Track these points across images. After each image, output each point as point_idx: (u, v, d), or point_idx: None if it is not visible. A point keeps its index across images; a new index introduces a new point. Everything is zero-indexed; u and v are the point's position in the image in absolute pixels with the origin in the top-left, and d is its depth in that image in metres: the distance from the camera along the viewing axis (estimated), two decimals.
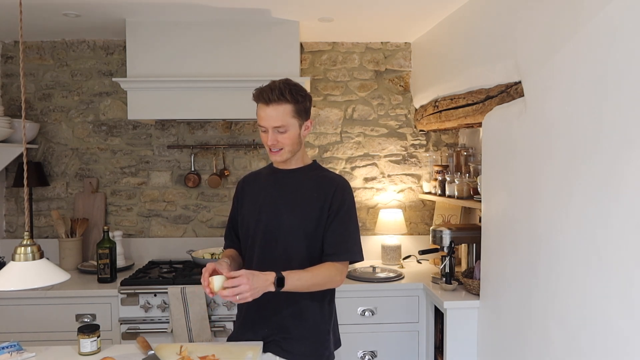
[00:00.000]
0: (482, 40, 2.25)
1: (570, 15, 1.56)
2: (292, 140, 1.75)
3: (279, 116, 1.70)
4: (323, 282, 1.71)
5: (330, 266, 1.73)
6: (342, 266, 1.77)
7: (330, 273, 1.72)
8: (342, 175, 1.90)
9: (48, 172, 3.18)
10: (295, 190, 1.81)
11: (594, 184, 1.45)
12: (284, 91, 1.69)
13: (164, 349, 1.67)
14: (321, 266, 1.72)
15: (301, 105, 1.74)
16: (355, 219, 1.83)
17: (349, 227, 1.79)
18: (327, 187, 1.79)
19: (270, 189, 1.84)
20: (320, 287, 1.72)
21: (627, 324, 1.33)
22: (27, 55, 3.17)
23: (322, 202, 1.77)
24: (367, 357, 2.69)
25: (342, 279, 1.77)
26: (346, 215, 1.78)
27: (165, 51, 2.75)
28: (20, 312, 2.56)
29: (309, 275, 1.67)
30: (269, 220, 1.79)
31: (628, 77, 1.31)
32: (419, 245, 3.23)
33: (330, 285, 1.75)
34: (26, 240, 1.40)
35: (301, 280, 1.65)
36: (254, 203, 1.85)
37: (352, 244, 1.78)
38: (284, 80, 1.74)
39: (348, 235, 1.78)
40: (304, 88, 1.78)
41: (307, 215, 1.77)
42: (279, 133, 1.72)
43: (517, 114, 1.91)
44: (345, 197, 1.80)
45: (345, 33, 3.08)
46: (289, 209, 1.78)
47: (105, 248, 2.67)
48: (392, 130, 3.31)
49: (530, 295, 1.83)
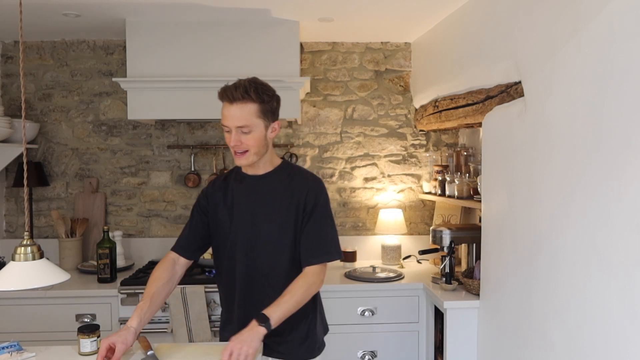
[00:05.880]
0: (482, 40, 2.25)
1: (570, 15, 1.56)
2: (256, 142, 1.67)
3: (242, 116, 1.63)
4: (305, 295, 1.68)
5: (305, 276, 1.70)
6: (319, 269, 1.73)
7: (308, 282, 1.69)
8: (313, 174, 1.86)
9: (48, 172, 3.18)
10: (270, 197, 1.75)
11: (594, 183, 1.45)
12: (249, 90, 1.63)
13: (164, 349, 1.67)
14: (297, 281, 1.69)
15: (267, 106, 1.67)
16: (330, 218, 1.79)
17: (323, 228, 1.75)
18: (299, 189, 1.75)
19: (243, 197, 1.78)
20: (304, 300, 1.68)
21: (627, 324, 1.33)
22: (27, 55, 3.17)
23: (296, 206, 1.73)
24: (367, 357, 2.69)
25: (321, 281, 1.74)
26: (320, 215, 1.75)
27: (165, 51, 2.75)
28: (20, 312, 2.56)
29: (288, 297, 1.63)
30: (246, 232, 1.75)
31: (628, 77, 1.31)
32: (419, 245, 3.23)
33: (312, 292, 1.72)
34: (26, 240, 1.40)
35: (284, 307, 1.61)
36: (228, 213, 1.78)
37: (328, 245, 1.75)
38: (251, 78, 1.68)
39: (324, 236, 1.75)
40: (271, 88, 1.71)
41: (285, 222, 1.73)
42: (243, 134, 1.65)
43: (517, 114, 1.91)
44: (318, 197, 1.76)
45: (345, 33, 3.08)
46: (265, 218, 1.74)
47: (105, 248, 2.67)
48: (392, 130, 3.31)
49: (530, 295, 1.83)
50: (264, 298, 1.70)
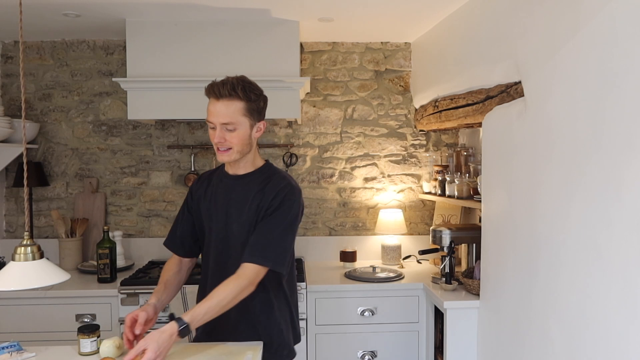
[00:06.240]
0: (482, 40, 2.25)
1: (570, 15, 1.56)
2: (241, 140, 1.67)
3: (228, 113, 1.63)
4: (231, 300, 1.59)
5: (237, 278, 1.61)
6: (254, 272, 1.63)
7: (239, 287, 1.59)
8: (292, 182, 1.77)
9: (48, 172, 3.18)
10: (243, 198, 1.74)
11: (594, 183, 1.45)
12: (236, 87, 1.62)
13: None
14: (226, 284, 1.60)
15: (254, 104, 1.67)
16: (288, 229, 1.69)
17: (273, 232, 1.67)
18: (269, 191, 1.71)
19: (220, 196, 1.79)
20: (233, 303, 1.60)
21: (627, 324, 1.33)
22: (27, 55, 3.17)
23: (262, 207, 1.70)
24: (367, 357, 2.69)
25: (254, 287, 1.64)
26: (278, 220, 1.68)
27: (165, 51, 2.75)
28: (20, 312, 2.56)
29: (215, 302, 1.56)
30: (219, 229, 1.76)
31: (628, 77, 1.31)
32: (419, 245, 3.23)
33: (243, 295, 1.62)
34: (26, 240, 1.40)
35: (209, 313, 1.55)
36: (207, 209, 1.81)
37: (270, 251, 1.65)
38: (239, 76, 1.67)
39: (270, 240, 1.66)
40: (259, 87, 1.70)
41: (253, 223, 1.72)
42: (228, 131, 1.65)
43: (517, 114, 1.91)
44: (284, 203, 1.69)
45: (345, 33, 3.08)
46: (236, 218, 1.74)
47: (105, 248, 2.67)
48: (392, 130, 3.31)
49: (530, 295, 1.83)
50: None
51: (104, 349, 1.60)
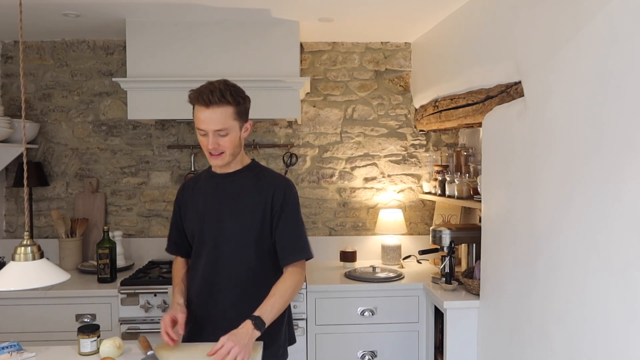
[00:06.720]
0: (482, 40, 2.25)
1: (570, 15, 1.56)
2: (233, 144, 1.70)
3: (220, 119, 1.64)
4: (292, 295, 1.72)
5: (290, 274, 1.74)
6: (301, 267, 1.78)
7: (295, 281, 1.73)
8: (283, 175, 1.89)
9: (48, 172, 3.18)
10: (236, 195, 1.77)
11: (594, 183, 1.45)
12: (225, 93, 1.64)
13: (164, 349, 1.67)
14: (284, 280, 1.72)
15: (242, 107, 1.70)
16: (300, 217, 1.82)
17: (295, 228, 1.79)
18: (266, 188, 1.77)
19: (210, 195, 1.81)
20: (292, 297, 1.73)
21: (627, 323, 1.33)
22: (27, 55, 3.17)
23: (264, 205, 1.76)
24: (367, 357, 2.69)
25: (303, 278, 1.79)
26: (291, 215, 1.78)
27: (165, 51, 2.75)
28: (20, 312, 2.56)
29: (278, 297, 1.67)
30: (211, 229, 1.77)
31: (628, 77, 1.31)
32: (419, 245, 3.23)
33: (299, 288, 1.75)
34: (26, 240, 1.40)
35: (275, 307, 1.65)
36: (196, 210, 1.82)
37: (302, 244, 1.78)
38: (223, 81, 1.69)
39: (298, 236, 1.79)
40: (242, 89, 1.73)
41: (249, 220, 1.75)
42: (220, 137, 1.67)
43: (517, 114, 1.91)
44: (287, 197, 1.78)
45: (345, 33, 3.08)
46: (230, 215, 1.76)
47: (105, 248, 2.67)
48: (392, 130, 3.31)
49: (530, 295, 1.83)
50: (226, 295, 1.76)
51: (104, 349, 1.61)
